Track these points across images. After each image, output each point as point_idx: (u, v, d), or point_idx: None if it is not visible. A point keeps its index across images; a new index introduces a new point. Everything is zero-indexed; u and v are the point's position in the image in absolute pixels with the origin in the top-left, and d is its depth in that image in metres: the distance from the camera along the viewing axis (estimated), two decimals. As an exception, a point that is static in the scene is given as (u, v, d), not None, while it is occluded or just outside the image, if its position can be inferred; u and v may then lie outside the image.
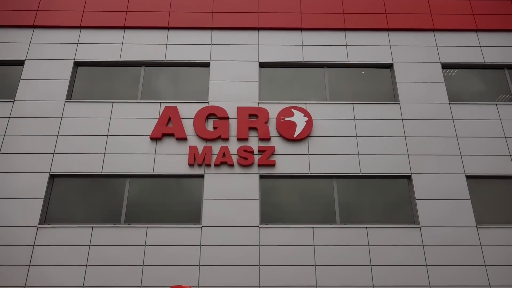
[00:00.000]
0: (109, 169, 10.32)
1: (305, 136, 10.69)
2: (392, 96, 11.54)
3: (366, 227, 9.81)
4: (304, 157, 10.52)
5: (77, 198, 10.24)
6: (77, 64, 11.77)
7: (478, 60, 11.96)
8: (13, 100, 11.01)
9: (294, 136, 10.67)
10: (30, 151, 10.40)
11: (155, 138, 10.61)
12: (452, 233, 9.75)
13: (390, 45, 12.10)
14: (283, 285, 9.21)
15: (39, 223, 9.70)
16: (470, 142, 10.72)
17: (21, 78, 11.31)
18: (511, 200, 10.31)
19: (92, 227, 9.70)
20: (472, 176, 10.41)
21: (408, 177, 10.47)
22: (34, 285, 9.10)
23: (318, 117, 10.98)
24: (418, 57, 11.90)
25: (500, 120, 11.01)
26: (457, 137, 10.78)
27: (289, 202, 10.29)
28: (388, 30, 12.27)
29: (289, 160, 10.48)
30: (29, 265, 9.28)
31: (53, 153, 10.42)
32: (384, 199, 10.34)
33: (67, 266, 9.29)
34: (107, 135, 10.66)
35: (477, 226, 9.82)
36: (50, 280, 9.15)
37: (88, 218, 9.98)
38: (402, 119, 11.00)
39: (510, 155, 10.59)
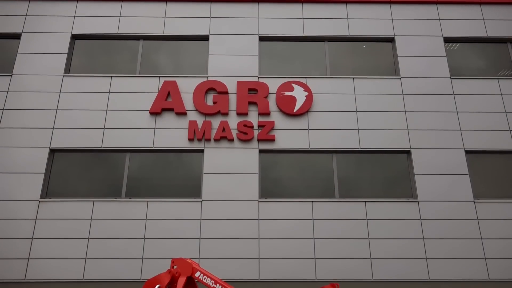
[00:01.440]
0: (109, 144, 10.34)
1: (305, 111, 10.66)
2: (393, 71, 11.45)
3: (365, 201, 9.92)
4: (303, 132, 10.53)
5: (78, 172, 10.30)
6: (75, 37, 11.62)
7: (481, 34, 11.80)
8: (11, 74, 10.92)
9: (294, 111, 10.64)
10: (29, 126, 10.39)
11: (154, 113, 10.58)
12: (450, 207, 9.86)
13: (392, 19, 11.91)
14: (282, 257, 9.37)
15: (41, 197, 9.79)
16: (470, 117, 10.71)
17: (18, 51, 11.19)
18: (509, 174, 10.39)
19: (93, 201, 9.80)
20: (471, 151, 10.44)
21: (407, 152, 10.50)
22: (38, 257, 9.26)
23: (318, 91, 10.92)
24: (420, 31, 11.74)
25: (501, 95, 10.95)
26: (457, 112, 10.76)
27: (289, 176, 10.36)
28: (390, 3, 12.05)
29: (288, 135, 10.49)
30: (32, 238, 9.42)
31: (53, 128, 10.41)
32: (383, 173, 10.40)
33: (70, 239, 9.43)
34: (106, 110, 10.63)
35: (475, 201, 9.92)
36: (53, 253, 9.31)
37: (89, 192, 10.07)
38: (403, 94, 10.95)
39: (510, 130, 10.59)
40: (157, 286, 3.07)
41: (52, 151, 10.34)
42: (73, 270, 9.19)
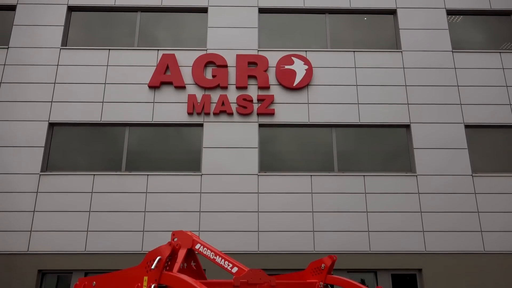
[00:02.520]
0: (108, 118, 10.32)
1: (305, 84, 10.58)
2: (394, 44, 11.30)
3: (363, 175, 9.98)
4: (303, 106, 10.49)
5: (78, 146, 10.31)
6: (71, 9, 11.40)
7: (485, 6, 11.58)
8: (7, 46, 10.78)
9: (294, 84, 10.57)
10: (28, 99, 10.33)
11: (153, 87, 10.51)
12: (448, 181, 9.94)
13: (394, -10, 11.67)
14: (281, 230, 9.51)
15: (41, 171, 9.84)
16: (471, 91, 10.65)
17: (14, 23, 11.00)
18: (507, 149, 10.42)
19: (94, 174, 9.85)
20: (471, 125, 10.44)
21: (407, 126, 10.50)
22: (40, 229, 9.39)
23: (318, 65, 10.81)
24: (422, 3, 11.51)
25: (503, 69, 10.86)
26: (458, 86, 10.69)
27: (288, 150, 10.39)
28: (393, -27, 11.78)
29: (288, 109, 10.45)
30: (33, 211, 9.53)
31: (51, 101, 10.36)
32: (382, 148, 10.43)
33: (71, 212, 9.53)
34: (104, 83, 10.55)
35: (473, 175, 9.99)
36: (54, 225, 9.43)
37: (89, 166, 10.12)
38: (404, 68, 10.85)
39: (510, 105, 10.56)
40: (158, 257, 3.12)
41: (51, 125, 10.32)
42: (75, 242, 9.33)
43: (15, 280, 9.04)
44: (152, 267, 3.11)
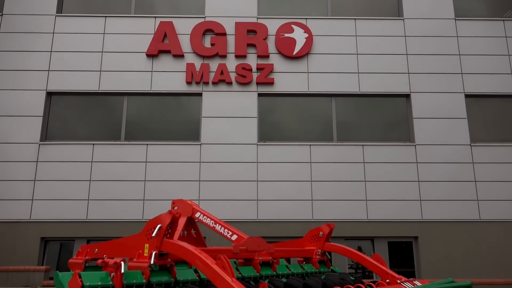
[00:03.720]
0: (106, 87, 10.23)
1: (304, 53, 10.45)
2: (396, 12, 11.07)
3: (362, 145, 10.01)
4: (303, 75, 10.39)
5: (76, 115, 10.28)
6: (65, -26, 11.10)
7: (490, -28, 11.29)
8: (1, 14, 10.55)
9: (294, 53, 10.43)
10: (24, 68, 10.21)
11: (151, 55, 10.37)
12: (446, 151, 9.98)
13: (397, -45, 11.34)
14: (280, 199, 9.62)
15: (40, 140, 9.84)
16: (472, 60, 10.53)
17: (7, -10, 10.73)
18: (506, 118, 10.41)
19: (93, 144, 9.87)
20: (471, 95, 10.38)
21: (407, 96, 10.44)
22: (41, 198, 9.48)
23: (319, 33, 10.63)
24: (426, -31, 11.20)
25: (506, 37, 10.70)
26: (459, 55, 10.56)
27: (287, 120, 10.37)
28: None
29: (288, 78, 10.36)
30: (34, 180, 9.59)
31: (48, 70, 10.24)
32: (381, 117, 10.41)
33: (72, 181, 9.60)
34: (101, 52, 10.40)
35: (471, 144, 10.02)
36: (56, 194, 9.52)
37: (88, 135, 10.12)
38: (405, 36, 10.68)
39: (512, 74, 10.48)
40: (159, 226, 3.16)
41: (49, 94, 10.25)
42: (77, 210, 9.45)
43: (19, 247, 9.21)
44: (153, 235, 3.15)
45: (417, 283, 3.67)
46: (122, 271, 2.91)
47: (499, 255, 9.36)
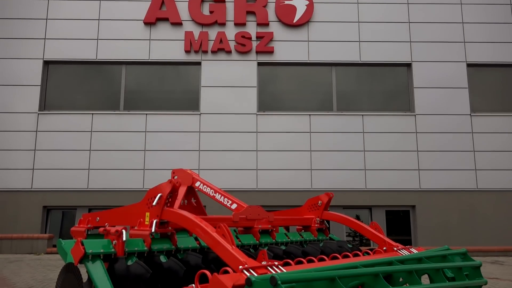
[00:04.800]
0: (103, 56, 10.10)
1: (305, 21, 10.25)
2: (400, -22, 10.79)
3: (362, 115, 9.98)
4: (303, 44, 10.24)
5: (75, 85, 10.19)
6: None
7: None
8: (-6, -20, 10.29)
9: (294, 21, 10.24)
10: (19, 36, 10.04)
11: (148, 23, 10.18)
12: (446, 120, 9.96)
13: None
14: (279, 168, 9.68)
15: (39, 110, 9.80)
16: (475, 28, 10.35)
17: (0, -46, 10.42)
18: (507, 88, 10.33)
19: (92, 113, 9.84)
20: (473, 64, 10.26)
21: (408, 65, 10.32)
22: (42, 167, 9.54)
23: (320, 0, 10.40)
24: None
25: (510, 4, 10.48)
26: (462, 23, 10.37)
27: (287, 90, 10.30)
28: None
29: (288, 46, 10.21)
30: (34, 150, 9.62)
31: (44, 39, 10.08)
32: (382, 87, 10.33)
33: (72, 151, 9.63)
34: (98, 19, 10.20)
35: (471, 114, 9.99)
36: (56, 164, 9.57)
37: (87, 105, 10.07)
38: (408, 3, 10.45)
39: (515, 43, 10.32)
40: (159, 194, 3.19)
41: (46, 63, 10.13)
42: (78, 180, 9.52)
43: (22, 216, 9.34)
44: (154, 203, 3.18)
45: (414, 250, 3.74)
46: (124, 238, 2.95)
47: (494, 223, 9.52)
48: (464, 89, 10.09)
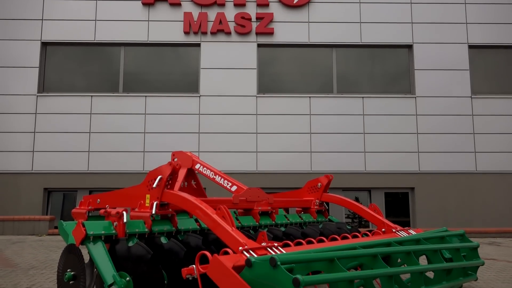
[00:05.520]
0: (101, 37, 10.00)
1: (305, 2, 10.11)
2: (402, -43, 10.60)
3: (362, 97, 9.94)
4: (303, 25, 10.12)
5: (73, 67, 10.12)
6: None
7: None
8: (-11, -41, 10.11)
9: (294, 1, 10.09)
10: (17, 17, 9.92)
11: (147, 4, 10.04)
12: (446, 103, 9.93)
13: None
14: (279, 151, 9.69)
15: (38, 92, 9.75)
16: (477, 9, 10.21)
17: None
18: (508, 70, 10.26)
19: (91, 96, 9.79)
20: (475, 45, 10.17)
21: (409, 47, 10.23)
22: (42, 150, 9.54)
23: (321, -20, 10.24)
24: None
25: (514, -15, 10.33)
26: (465, 3, 10.23)
27: (287, 71, 10.23)
28: None
29: (288, 28, 10.10)
30: (34, 132, 9.61)
31: (42, 20, 9.96)
32: (382, 69, 10.26)
33: (71, 133, 9.62)
34: (96, 0, 10.06)
35: (472, 96, 9.95)
36: (56, 146, 9.57)
37: (86, 87, 10.01)
38: (410, -16, 10.30)
39: (517, 24, 10.20)
40: (159, 177, 3.20)
41: (44, 44, 10.03)
42: (78, 162, 9.54)
43: (23, 198, 9.39)
44: (154, 185, 3.20)
45: (412, 232, 3.77)
46: (125, 220, 2.97)
47: (492, 206, 9.58)
48: (465, 71, 10.03)
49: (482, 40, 10.14)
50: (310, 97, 9.91)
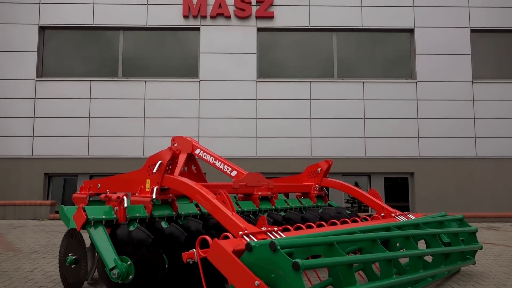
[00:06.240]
0: (100, 21, 9.89)
1: (306, -15, 9.98)
2: None
3: (363, 82, 9.89)
4: (304, 9, 10.01)
5: (72, 51, 10.04)
6: None
7: None
8: None
9: (295, -15, 9.96)
10: (13, 1, 9.79)
11: (146, -13, 9.92)
12: (447, 87, 9.88)
13: None
14: (279, 136, 9.68)
15: (37, 77, 9.70)
16: (480, -7, 10.10)
17: None
18: (510, 54, 10.18)
19: (90, 80, 9.74)
20: (477, 29, 10.07)
21: (411, 31, 10.13)
22: (42, 135, 9.54)
23: (321, -37, 10.09)
24: None
25: (518, -33, 10.18)
26: (468, -13, 10.12)
27: (287, 56, 10.15)
28: None
29: (288, 11, 9.98)
30: (33, 117, 9.59)
31: (39, 3, 9.84)
32: (383, 54, 10.18)
33: (71, 118, 9.60)
34: (94, -17, 9.94)
35: (473, 81, 9.90)
36: (56, 131, 9.56)
37: (85, 72, 9.95)
38: (412, -34, 10.16)
39: (520, 8, 10.09)
40: (159, 162, 3.20)
41: (42, 29, 9.94)
42: (78, 147, 9.54)
43: (24, 183, 9.42)
44: (154, 170, 3.20)
45: (411, 216, 3.80)
46: (125, 205, 2.99)
47: (491, 190, 9.62)
48: (466, 56, 9.96)
49: (484, 24, 10.04)
50: (310, 82, 9.86)
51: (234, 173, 4.37)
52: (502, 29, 10.08)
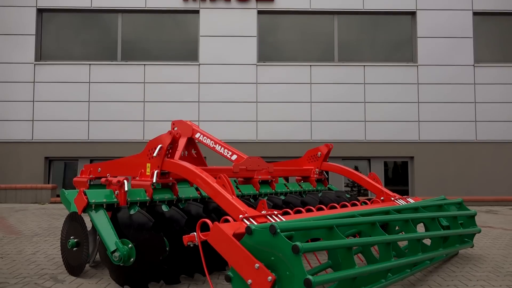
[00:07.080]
0: (98, 3, 9.78)
1: (307, -34, 9.83)
2: None
3: (364, 65, 9.82)
4: (305, -9, 9.88)
5: (71, 35, 9.95)
6: None
7: None
8: None
9: (295, -34, 9.81)
10: (11, -17, 9.69)
11: (144, -32, 9.77)
12: (448, 71, 9.82)
13: None
14: (279, 120, 9.66)
15: (35, 60, 9.63)
16: (484, -25, 9.96)
17: None
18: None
19: (89, 64, 9.68)
20: (480, 12, 9.96)
21: (413, 14, 10.02)
22: (41, 119, 9.52)
23: None
24: None
25: (522, -52, 10.00)
26: (471, -32, 9.96)
27: (288, 39, 10.06)
28: None
29: (289, -6, 9.86)
30: (33, 101, 9.55)
31: (37, -15, 9.73)
32: (384, 37, 10.09)
33: (71, 102, 9.57)
34: (91, -35, 9.79)
35: (474, 65, 9.83)
36: (56, 115, 9.54)
37: (84, 55, 9.88)
38: None
39: (524, -10, 9.96)
40: (159, 146, 3.20)
41: (40, 11, 9.83)
42: (78, 131, 9.54)
43: (25, 167, 9.45)
44: (154, 154, 3.21)
45: (411, 200, 3.81)
46: (126, 189, 3.00)
47: (490, 174, 9.64)
48: (468, 39, 9.86)
49: (487, 6, 9.92)
50: (310, 65, 9.79)
51: (234, 157, 4.38)
52: (505, 12, 9.97)
